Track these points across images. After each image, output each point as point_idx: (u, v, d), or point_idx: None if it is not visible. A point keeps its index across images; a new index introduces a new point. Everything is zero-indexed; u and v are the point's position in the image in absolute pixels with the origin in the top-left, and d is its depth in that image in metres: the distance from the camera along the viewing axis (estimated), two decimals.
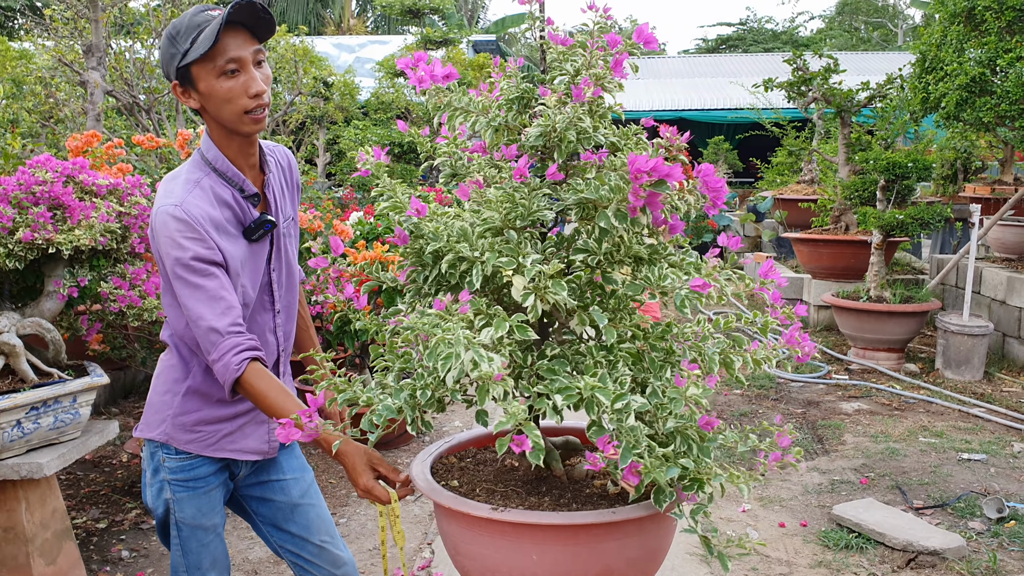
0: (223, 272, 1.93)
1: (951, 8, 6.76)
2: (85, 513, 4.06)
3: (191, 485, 2.09)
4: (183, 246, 1.87)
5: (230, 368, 1.85)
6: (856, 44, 33.64)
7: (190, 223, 1.88)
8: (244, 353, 1.86)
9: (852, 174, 7.94)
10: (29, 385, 3.06)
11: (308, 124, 12.52)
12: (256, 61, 1.93)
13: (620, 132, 1.84)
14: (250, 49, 1.90)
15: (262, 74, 1.94)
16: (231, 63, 1.88)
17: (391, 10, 12.33)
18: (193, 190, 1.93)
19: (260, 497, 2.25)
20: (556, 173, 1.67)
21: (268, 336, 2.14)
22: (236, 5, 1.83)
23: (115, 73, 6.85)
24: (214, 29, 1.83)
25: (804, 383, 6.37)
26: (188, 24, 1.88)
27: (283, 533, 2.26)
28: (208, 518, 2.11)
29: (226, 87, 1.89)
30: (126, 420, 5.31)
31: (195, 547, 2.10)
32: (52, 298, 3.25)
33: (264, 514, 2.26)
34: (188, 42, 1.87)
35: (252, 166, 2.06)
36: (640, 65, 13.23)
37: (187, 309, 1.89)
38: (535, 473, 1.87)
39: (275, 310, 2.15)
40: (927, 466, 4.62)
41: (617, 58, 1.71)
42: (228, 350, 1.86)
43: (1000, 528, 3.83)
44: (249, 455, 2.14)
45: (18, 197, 3.10)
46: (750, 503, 4.19)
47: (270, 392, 1.85)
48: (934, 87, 6.78)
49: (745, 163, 16.46)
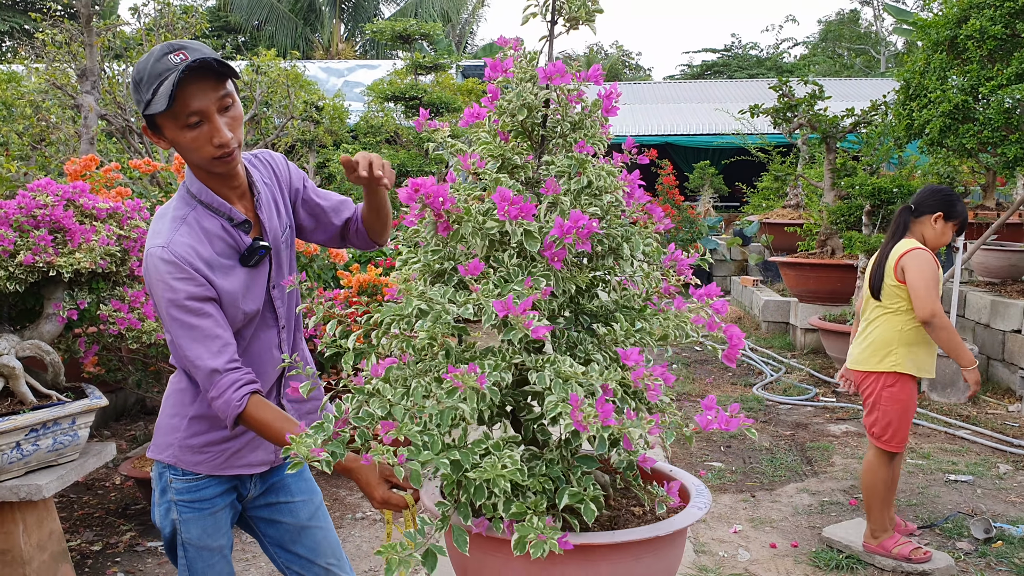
0: (216, 308, 1.95)
1: (934, 37, 6.89)
2: (80, 536, 4.06)
3: (197, 506, 2.11)
4: (174, 287, 1.89)
5: (231, 404, 1.89)
6: (839, 70, 34.02)
7: (178, 264, 1.89)
8: (244, 388, 1.90)
9: (838, 199, 8.05)
10: (28, 407, 3.08)
11: (298, 147, 12.57)
12: (222, 107, 1.89)
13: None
14: (214, 97, 1.87)
15: (229, 118, 1.91)
16: (193, 116, 1.86)
17: (381, 36, 12.40)
18: (180, 228, 1.94)
19: (268, 519, 2.27)
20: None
21: (273, 351, 2.16)
22: (188, 66, 1.80)
23: (108, 97, 6.89)
24: (169, 87, 1.79)
25: (792, 406, 6.43)
26: (150, 72, 1.84)
27: (290, 554, 2.28)
28: (214, 539, 2.13)
29: (190, 137, 1.88)
30: (119, 443, 5.31)
31: (201, 567, 2.12)
32: (52, 320, 3.28)
33: (272, 535, 2.29)
34: (150, 92, 1.84)
35: (240, 192, 2.05)
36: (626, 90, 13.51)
37: (182, 348, 1.92)
38: None
39: (279, 326, 2.17)
40: (915, 487, 4.67)
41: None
42: (228, 387, 1.90)
43: (988, 548, 3.88)
44: (257, 467, 2.17)
45: (19, 220, 3.14)
46: (741, 524, 4.23)
47: (274, 422, 1.89)
48: (918, 114, 6.90)
49: (731, 188, 16.60)
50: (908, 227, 3.80)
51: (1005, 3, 6.34)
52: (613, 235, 1.85)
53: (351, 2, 29.54)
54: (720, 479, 4.90)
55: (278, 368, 2.18)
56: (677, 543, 1.79)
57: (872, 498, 3.75)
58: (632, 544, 1.67)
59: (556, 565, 1.62)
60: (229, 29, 29.17)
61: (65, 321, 3.29)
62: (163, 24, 7.07)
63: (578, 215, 1.63)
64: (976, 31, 6.41)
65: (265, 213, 2.09)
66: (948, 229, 3.74)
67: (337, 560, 2.31)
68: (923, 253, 3.63)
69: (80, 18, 6.09)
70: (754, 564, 3.81)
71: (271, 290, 2.13)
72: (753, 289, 10.36)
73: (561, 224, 1.65)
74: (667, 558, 1.76)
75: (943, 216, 3.72)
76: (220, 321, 1.94)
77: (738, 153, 14.04)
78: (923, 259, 3.61)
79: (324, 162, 12.92)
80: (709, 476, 4.93)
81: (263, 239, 2.07)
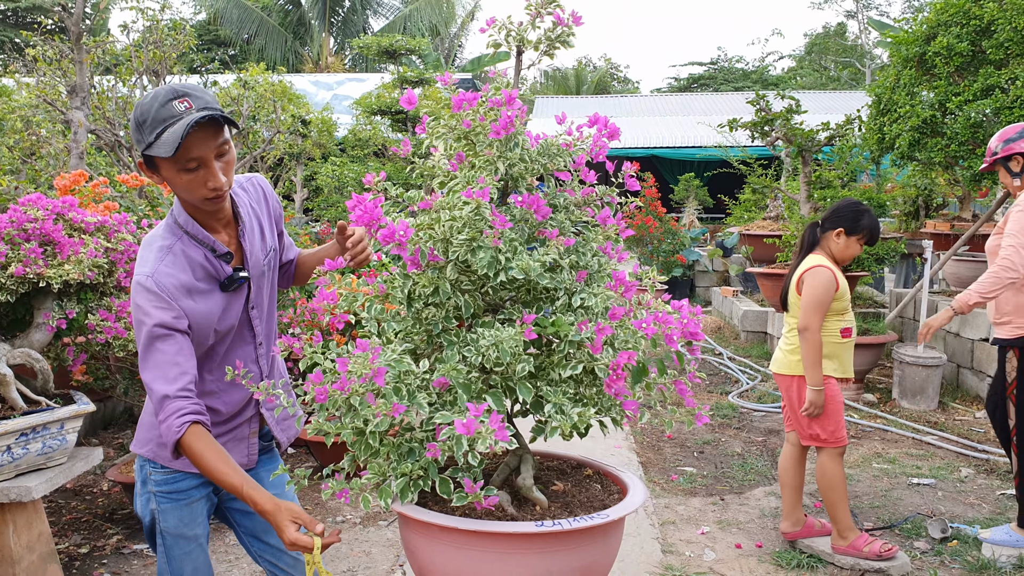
0: (184, 338, 2.08)
1: (904, 53, 7.10)
2: (67, 539, 4.18)
3: (174, 497, 2.27)
4: (149, 313, 2.04)
5: (172, 430, 2.01)
6: (825, 83, 34.37)
7: (159, 294, 2.04)
8: (185, 417, 2.02)
9: (813, 211, 8.23)
10: (19, 412, 3.22)
11: (286, 160, 12.72)
12: (219, 154, 2.01)
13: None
14: (213, 145, 1.98)
15: (223, 162, 2.03)
16: (192, 162, 1.97)
17: (368, 51, 12.58)
18: (165, 257, 2.09)
19: (242, 510, 2.43)
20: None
21: (251, 365, 2.31)
22: (196, 121, 1.91)
23: (98, 112, 7.03)
24: (177, 136, 1.89)
25: (766, 413, 6.59)
26: (154, 117, 1.93)
27: (262, 544, 2.44)
28: (190, 528, 2.29)
29: (186, 180, 2.00)
30: (106, 450, 5.44)
31: (178, 555, 2.28)
32: (41, 329, 3.42)
33: (246, 525, 2.44)
34: (152, 135, 1.93)
35: (224, 222, 2.18)
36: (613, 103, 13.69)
37: (143, 370, 2.06)
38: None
39: (256, 342, 2.32)
40: (878, 490, 4.83)
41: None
42: (172, 413, 2.02)
43: (943, 547, 4.04)
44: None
45: (11, 234, 3.28)
46: (709, 526, 4.38)
47: (205, 454, 2.00)
48: (888, 128, 7.10)
49: (715, 199, 16.80)
50: (816, 243, 3.98)
51: (971, 22, 6.55)
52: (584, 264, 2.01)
53: (340, 16, 29.75)
54: (691, 483, 5.05)
55: (257, 379, 2.31)
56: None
57: (834, 499, 3.90)
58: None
59: (489, 551, 1.78)
60: (219, 43, 29.33)
61: (54, 330, 3.43)
62: (152, 41, 7.21)
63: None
64: (944, 48, 6.61)
65: (248, 242, 2.22)
66: (853, 243, 3.89)
67: None
68: (820, 271, 3.80)
69: (70, 35, 6.24)
70: (719, 563, 3.96)
71: (250, 310, 2.27)
72: (733, 299, 10.54)
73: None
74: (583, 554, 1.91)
75: (845, 231, 3.87)
76: (184, 350, 2.07)
77: (722, 165, 14.24)
78: (818, 276, 3.79)
79: (312, 175, 13.07)
80: (681, 480, 5.08)
81: (244, 267, 2.21)
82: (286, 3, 29.69)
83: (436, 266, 1.93)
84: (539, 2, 1.89)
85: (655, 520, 4.44)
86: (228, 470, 2.00)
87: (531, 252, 1.89)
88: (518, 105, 1.91)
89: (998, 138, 4.09)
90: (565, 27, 1.88)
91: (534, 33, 1.90)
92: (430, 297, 1.93)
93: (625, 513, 1.91)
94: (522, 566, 1.80)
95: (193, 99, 1.96)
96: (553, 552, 1.81)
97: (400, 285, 2.02)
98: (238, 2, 27.40)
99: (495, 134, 1.88)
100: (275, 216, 2.35)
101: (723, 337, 9.88)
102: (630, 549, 4.04)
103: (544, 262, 1.83)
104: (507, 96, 1.87)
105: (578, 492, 2.10)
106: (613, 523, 1.88)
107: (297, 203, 12.93)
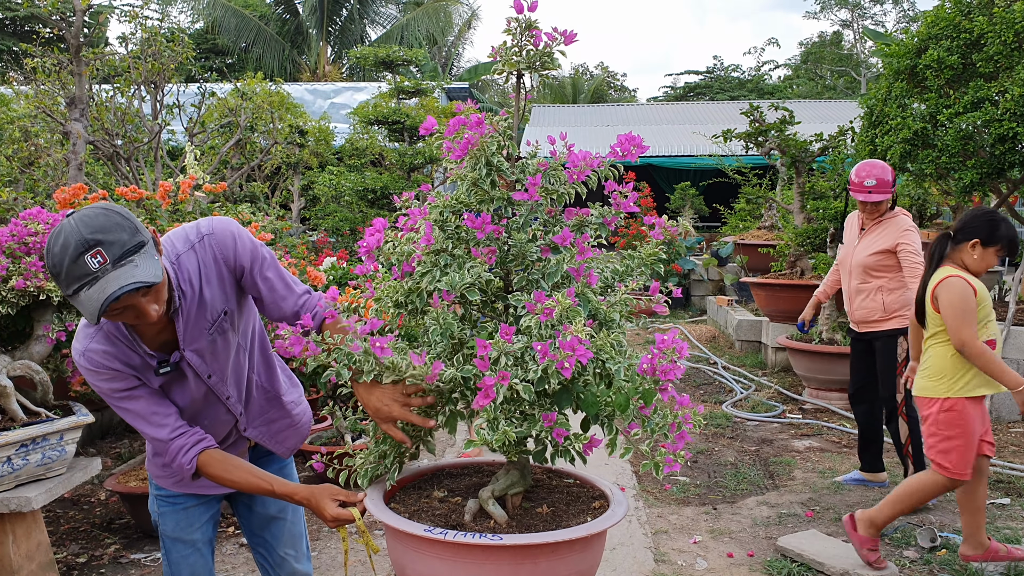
0: (147, 391, 2.11)
1: (895, 65, 7.17)
2: (65, 548, 4.22)
3: (171, 501, 2.38)
4: (99, 386, 2.09)
5: (184, 469, 2.13)
6: (821, 92, 34.50)
7: (96, 370, 2.06)
8: (191, 452, 2.12)
9: (806, 221, 8.30)
10: (19, 424, 3.26)
11: (283, 170, 12.78)
12: (144, 295, 1.88)
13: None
14: (137, 296, 1.86)
15: (154, 297, 1.90)
16: (115, 312, 1.88)
17: (365, 62, 12.63)
18: (96, 335, 2.06)
19: (247, 504, 2.54)
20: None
21: (223, 416, 2.32)
22: (115, 297, 1.78)
23: (96, 123, 7.08)
24: (94, 311, 1.78)
25: (759, 422, 6.64)
26: (67, 273, 1.79)
27: (257, 537, 2.57)
28: (187, 533, 2.36)
29: (112, 316, 1.91)
30: (104, 460, 5.48)
31: (176, 558, 2.37)
32: (41, 342, 3.47)
33: (246, 516, 2.57)
34: (69, 290, 1.81)
35: (156, 318, 1.97)
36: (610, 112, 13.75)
37: (129, 422, 2.15)
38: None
39: (224, 397, 2.28)
40: (870, 500, 4.88)
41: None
42: (176, 453, 2.11)
43: (932, 556, 4.09)
44: (212, 490, 2.40)
45: (12, 247, 3.33)
46: (701, 535, 4.43)
47: (225, 475, 2.13)
48: (880, 140, 7.16)
49: (711, 208, 16.88)
50: (945, 255, 3.78)
51: (961, 35, 6.63)
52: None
53: (338, 25, 29.84)
54: (684, 492, 5.10)
55: (231, 419, 2.34)
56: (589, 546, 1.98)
57: (895, 509, 3.80)
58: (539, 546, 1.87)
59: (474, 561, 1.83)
60: (216, 52, 29.43)
61: (54, 342, 3.48)
62: (150, 53, 7.27)
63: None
64: (934, 61, 6.68)
65: (182, 322, 2.09)
66: (990, 255, 3.69)
67: (295, 552, 2.59)
68: (955, 281, 3.62)
69: (69, 47, 6.29)
70: (711, 572, 4.00)
71: (207, 379, 2.20)
72: (728, 309, 10.60)
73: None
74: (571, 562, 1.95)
75: (981, 242, 3.67)
76: (153, 400, 2.12)
77: (717, 174, 14.32)
78: (951, 289, 3.61)
79: (309, 184, 13.12)
80: (674, 489, 5.13)
81: (181, 347, 2.11)
82: (283, 12, 29.79)
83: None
84: (519, 31, 1.94)
85: (648, 529, 4.49)
86: (254, 479, 2.13)
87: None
88: (485, 127, 1.92)
89: None
90: (548, 49, 1.93)
91: (523, 59, 1.94)
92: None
93: (602, 528, 1.95)
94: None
95: (107, 248, 1.80)
96: (519, 565, 1.85)
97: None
98: (235, 11, 27.48)
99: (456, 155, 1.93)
100: (238, 272, 2.16)
101: (718, 346, 9.93)
102: (622, 558, 4.09)
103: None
104: (474, 119, 1.92)
105: (560, 503, 2.15)
106: (587, 537, 1.92)
107: (294, 212, 13.00)
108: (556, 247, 1.90)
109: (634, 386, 1.76)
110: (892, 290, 4.82)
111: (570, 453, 1.97)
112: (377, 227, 1.96)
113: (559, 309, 1.71)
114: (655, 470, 1.87)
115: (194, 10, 28.59)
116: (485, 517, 2.02)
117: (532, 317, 1.74)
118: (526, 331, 1.77)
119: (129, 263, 1.81)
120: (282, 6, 29.78)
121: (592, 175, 1.97)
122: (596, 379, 1.80)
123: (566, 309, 1.70)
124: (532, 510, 2.08)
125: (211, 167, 7.79)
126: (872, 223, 4.90)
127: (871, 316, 4.89)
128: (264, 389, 2.42)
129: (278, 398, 2.44)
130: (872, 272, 4.85)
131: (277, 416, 2.44)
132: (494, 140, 1.86)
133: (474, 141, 1.83)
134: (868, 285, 4.88)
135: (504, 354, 1.72)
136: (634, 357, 1.85)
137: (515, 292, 1.91)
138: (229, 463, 2.14)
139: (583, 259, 1.83)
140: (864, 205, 4.85)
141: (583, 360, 1.65)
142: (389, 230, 2.02)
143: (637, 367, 1.78)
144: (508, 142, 1.93)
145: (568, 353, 1.63)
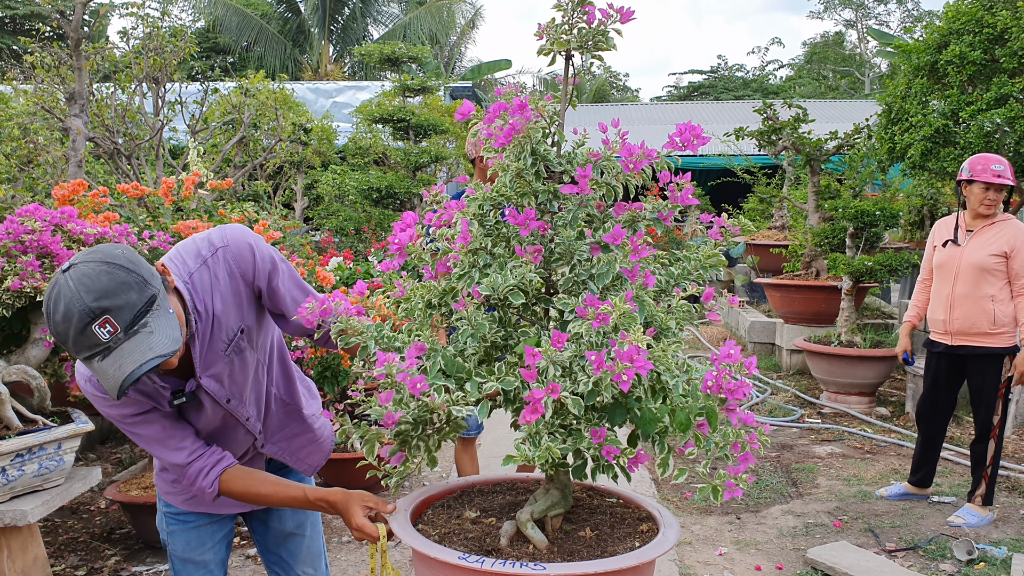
0: (158, 415, 1.94)
1: (915, 62, 6.99)
2: (64, 560, 4.05)
3: (181, 519, 2.22)
4: (108, 412, 1.93)
5: (206, 492, 1.99)
6: (824, 92, 34.36)
7: (104, 396, 1.88)
8: (211, 474, 1.98)
9: (822, 221, 8.12)
10: (14, 432, 3.08)
11: (286, 169, 12.60)
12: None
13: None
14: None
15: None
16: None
17: (369, 59, 12.44)
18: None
19: (262, 519, 2.39)
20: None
21: (241, 437, 2.16)
22: (132, 378, 1.62)
23: (96, 120, 6.91)
24: (113, 390, 1.62)
25: (778, 427, 6.47)
26: (74, 343, 1.62)
27: (273, 554, 2.42)
28: (197, 553, 2.20)
29: None
30: (104, 466, 5.30)
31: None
32: (38, 345, 3.29)
33: (260, 533, 2.41)
34: (78, 356, 1.65)
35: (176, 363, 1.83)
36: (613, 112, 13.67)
37: (144, 447, 2.01)
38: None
39: (244, 419, 2.11)
40: (899, 509, 4.70)
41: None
42: (196, 476, 1.97)
43: (970, 570, 3.91)
44: (225, 509, 2.25)
45: (7, 246, 3.15)
46: (727, 546, 4.25)
47: (250, 491, 2.01)
48: (900, 138, 6.99)
49: (718, 208, 16.71)
50: None
51: (984, 30, 6.46)
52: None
53: (340, 24, 29.67)
54: (706, 501, 4.91)
55: (250, 437, 2.19)
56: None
57: None
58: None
59: None
60: (218, 50, 29.25)
61: (52, 346, 3.30)
62: (152, 48, 7.10)
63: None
64: (956, 57, 6.51)
65: (198, 348, 1.92)
66: None
67: (314, 571, 2.44)
68: None
69: (69, 42, 6.12)
70: None
71: (226, 404, 2.03)
72: (739, 310, 10.42)
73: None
74: None
75: None
76: (168, 422, 1.96)
77: (724, 174, 14.15)
78: None
79: (312, 183, 12.95)
80: (695, 498, 4.95)
81: (197, 374, 1.94)
82: (285, 11, 29.61)
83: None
84: (570, 7, 1.75)
85: None
86: (282, 488, 2.01)
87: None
88: (529, 112, 1.73)
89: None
90: (602, 28, 1.73)
91: (574, 38, 1.74)
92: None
93: (653, 556, 1.77)
94: None
95: (115, 314, 1.60)
96: None
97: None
98: (237, 10, 27.30)
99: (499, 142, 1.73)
100: (257, 287, 1.99)
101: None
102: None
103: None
104: (517, 103, 1.72)
105: (603, 525, 1.98)
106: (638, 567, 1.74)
107: (298, 211, 12.82)
108: (606, 246, 1.72)
109: (695, 403, 1.59)
110: (1003, 300, 4.45)
111: (613, 469, 1.79)
112: (408, 222, 1.78)
113: (616, 315, 1.52)
114: (713, 495, 1.70)
115: (195, 9, 28.40)
116: (522, 541, 1.84)
117: (583, 323, 1.56)
118: (575, 338, 1.59)
119: (143, 329, 1.62)
120: (284, 5, 29.60)
121: (647, 168, 1.80)
122: (649, 393, 1.63)
123: (623, 315, 1.53)
124: (574, 533, 1.90)
125: (214, 164, 7.62)
126: (983, 225, 4.53)
127: (975, 327, 4.47)
128: (283, 402, 2.24)
129: (298, 411, 2.26)
130: (989, 274, 4.43)
131: (298, 431, 2.26)
132: (540, 127, 1.69)
133: (519, 127, 1.65)
134: (978, 292, 4.46)
135: (553, 363, 1.53)
136: (693, 371, 1.68)
137: (559, 295, 1.73)
138: (253, 478, 2.01)
139: (637, 259, 1.65)
140: (987, 191, 4.45)
141: (643, 372, 1.47)
142: (419, 225, 1.84)
143: (701, 383, 1.60)
144: (555, 128, 1.75)
145: (627, 364, 1.45)
